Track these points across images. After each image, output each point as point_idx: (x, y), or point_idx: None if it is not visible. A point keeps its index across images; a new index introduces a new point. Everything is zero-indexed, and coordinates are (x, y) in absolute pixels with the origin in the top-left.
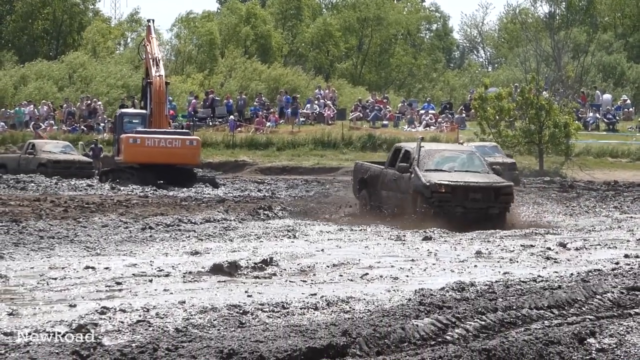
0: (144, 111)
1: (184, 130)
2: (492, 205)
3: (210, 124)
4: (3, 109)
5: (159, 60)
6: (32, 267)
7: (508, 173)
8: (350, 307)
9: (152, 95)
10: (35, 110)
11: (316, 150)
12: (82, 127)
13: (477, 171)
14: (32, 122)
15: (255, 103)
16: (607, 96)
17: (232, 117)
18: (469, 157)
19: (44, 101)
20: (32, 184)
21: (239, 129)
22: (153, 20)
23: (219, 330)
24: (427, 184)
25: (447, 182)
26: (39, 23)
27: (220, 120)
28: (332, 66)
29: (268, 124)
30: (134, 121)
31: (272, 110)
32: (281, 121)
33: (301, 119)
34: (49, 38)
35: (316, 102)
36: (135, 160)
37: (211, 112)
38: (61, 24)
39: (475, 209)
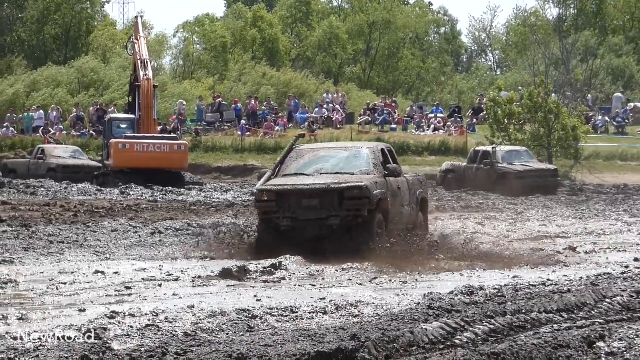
0: (132, 116)
1: (172, 135)
2: (334, 214)
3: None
4: (9, 114)
5: (146, 62)
6: (42, 272)
7: (550, 180)
8: (359, 311)
9: (141, 99)
10: (49, 114)
11: None
12: (91, 132)
13: (352, 172)
14: (42, 127)
15: (264, 107)
16: (618, 95)
17: (243, 121)
18: (350, 156)
19: (53, 106)
20: (42, 189)
21: (248, 133)
22: (142, 16)
23: (227, 334)
24: (254, 192)
25: (270, 188)
26: (49, 28)
27: (228, 124)
28: (341, 70)
29: (277, 128)
30: (122, 126)
31: (280, 114)
32: (290, 125)
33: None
34: (59, 43)
35: (325, 106)
36: (124, 165)
37: (220, 116)
38: (70, 29)
39: (310, 220)
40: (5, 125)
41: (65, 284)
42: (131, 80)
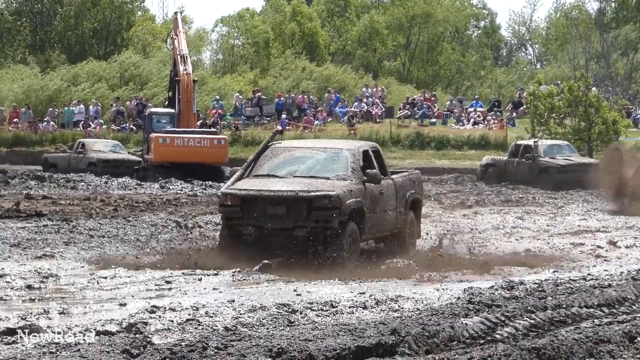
0: (172, 110)
1: (211, 130)
2: (301, 225)
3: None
4: (51, 109)
5: (186, 57)
6: (83, 266)
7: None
8: (399, 306)
9: (180, 94)
10: (89, 108)
11: None
12: (131, 126)
13: (327, 177)
14: (82, 122)
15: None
16: None
17: (283, 115)
18: (328, 158)
19: (93, 100)
20: (82, 183)
21: (288, 127)
22: (181, 12)
23: (268, 329)
24: (219, 194)
25: (234, 192)
26: (87, 23)
27: (268, 118)
28: (380, 64)
29: (316, 122)
30: (162, 120)
31: (320, 108)
32: (329, 119)
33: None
34: (98, 38)
35: (364, 100)
36: (164, 159)
37: (259, 110)
38: (109, 24)
39: (275, 230)
40: (46, 119)
41: (105, 278)
42: (171, 76)
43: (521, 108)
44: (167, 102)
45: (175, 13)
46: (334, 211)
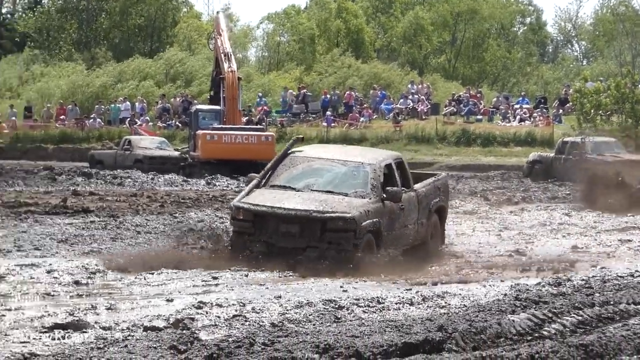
0: (218, 107)
1: (259, 127)
2: (314, 245)
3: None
4: (97, 106)
5: (230, 54)
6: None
7: None
8: (445, 302)
9: (226, 91)
10: (135, 105)
11: (410, 145)
12: (177, 123)
13: (346, 193)
14: (128, 119)
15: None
16: None
17: (329, 112)
18: (348, 173)
19: (139, 97)
20: (129, 180)
21: (333, 124)
22: (225, 10)
23: (314, 325)
24: (232, 207)
25: (247, 207)
26: (132, 20)
27: (313, 115)
28: (425, 60)
29: (361, 119)
30: (208, 118)
31: (365, 105)
32: (375, 116)
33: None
34: (143, 35)
35: (409, 97)
36: (212, 156)
37: (304, 107)
38: (154, 21)
39: (286, 248)
40: (92, 116)
41: (152, 274)
42: (213, 75)
43: (567, 105)
44: (209, 101)
45: (217, 12)
46: (349, 233)
